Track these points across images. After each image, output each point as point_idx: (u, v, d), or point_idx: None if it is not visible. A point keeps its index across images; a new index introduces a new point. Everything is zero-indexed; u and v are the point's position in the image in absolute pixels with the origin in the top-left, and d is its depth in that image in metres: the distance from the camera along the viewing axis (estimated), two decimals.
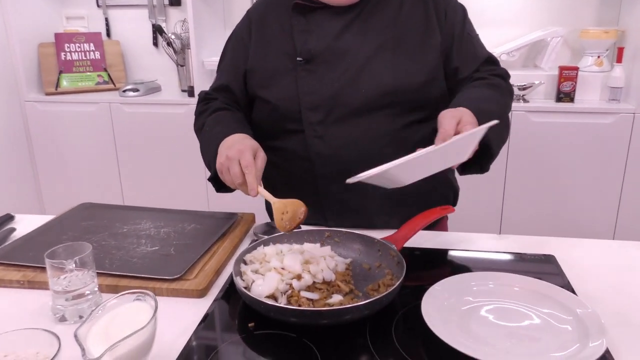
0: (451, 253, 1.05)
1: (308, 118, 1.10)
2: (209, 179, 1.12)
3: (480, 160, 1.03)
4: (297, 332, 0.79)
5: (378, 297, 0.79)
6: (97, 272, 0.89)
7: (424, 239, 1.09)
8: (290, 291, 0.85)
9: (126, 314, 0.72)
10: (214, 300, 0.89)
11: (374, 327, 0.81)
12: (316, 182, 1.14)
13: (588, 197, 2.33)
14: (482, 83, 1.12)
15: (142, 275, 0.93)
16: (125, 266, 0.96)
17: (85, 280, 0.84)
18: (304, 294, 0.84)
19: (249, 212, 1.22)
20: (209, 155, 1.09)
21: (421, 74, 1.10)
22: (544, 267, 0.99)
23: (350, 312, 0.78)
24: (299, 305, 0.82)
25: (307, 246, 0.97)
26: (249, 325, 0.81)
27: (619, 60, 2.28)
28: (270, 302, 0.81)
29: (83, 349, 0.63)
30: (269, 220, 1.16)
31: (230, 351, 0.77)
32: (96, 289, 0.86)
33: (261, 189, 0.95)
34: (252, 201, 1.05)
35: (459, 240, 1.10)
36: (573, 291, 0.89)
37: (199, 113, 1.22)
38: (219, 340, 0.79)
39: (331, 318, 0.78)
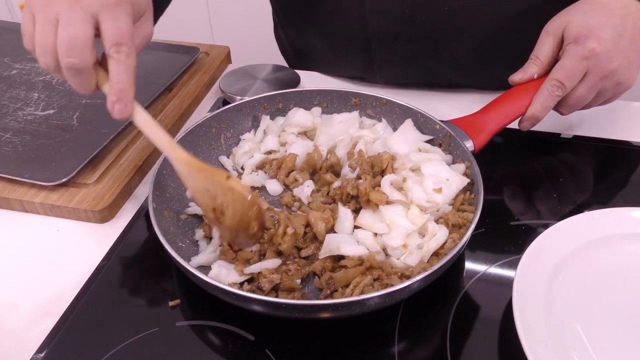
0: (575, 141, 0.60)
1: None
2: None
3: None
4: (256, 333, 0.41)
5: (440, 263, 0.38)
6: None
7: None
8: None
9: None
10: (121, 235, 0.50)
11: (407, 318, 0.42)
12: (365, 19, 0.64)
13: None
14: None
15: (4, 176, 0.53)
16: None
17: None
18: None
19: (221, 45, 0.76)
20: None
21: None
22: None
23: (381, 298, 0.38)
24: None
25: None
26: (170, 304, 0.43)
27: None
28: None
29: None
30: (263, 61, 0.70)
31: None
32: None
33: (140, 112, 0.40)
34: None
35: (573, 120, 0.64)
36: None
37: None
38: (106, 340, 0.41)
39: (347, 310, 0.38)
